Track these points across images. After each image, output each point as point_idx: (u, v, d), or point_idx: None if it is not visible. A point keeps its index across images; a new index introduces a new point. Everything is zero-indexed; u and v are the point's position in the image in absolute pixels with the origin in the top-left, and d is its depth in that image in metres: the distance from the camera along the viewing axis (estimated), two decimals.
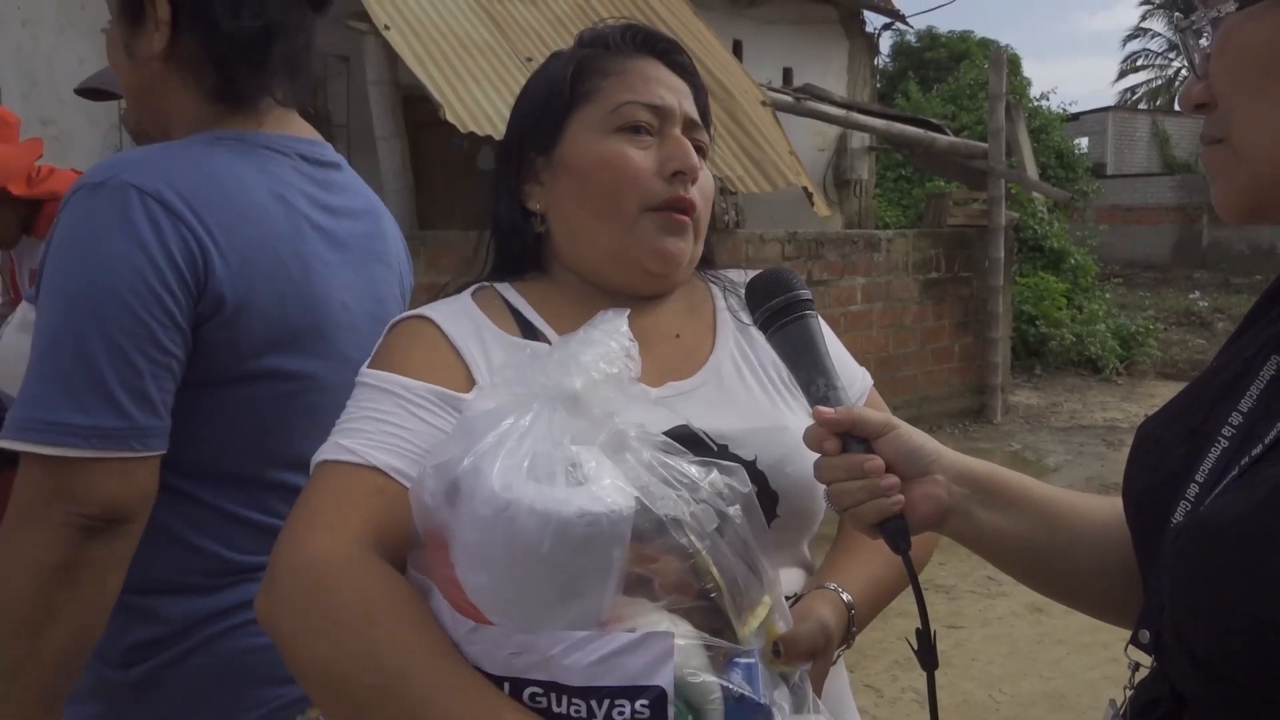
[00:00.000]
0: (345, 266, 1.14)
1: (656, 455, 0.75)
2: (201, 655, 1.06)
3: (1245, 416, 0.67)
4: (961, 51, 17.57)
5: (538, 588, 0.68)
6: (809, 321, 0.85)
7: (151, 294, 0.96)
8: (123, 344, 0.95)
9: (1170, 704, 0.67)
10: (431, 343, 0.92)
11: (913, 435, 0.82)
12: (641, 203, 0.96)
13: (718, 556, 0.73)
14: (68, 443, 0.93)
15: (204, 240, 0.99)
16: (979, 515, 0.82)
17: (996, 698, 3.30)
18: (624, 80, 0.98)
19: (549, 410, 0.72)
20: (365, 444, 0.84)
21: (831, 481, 0.80)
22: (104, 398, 0.94)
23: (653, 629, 0.69)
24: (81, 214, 0.98)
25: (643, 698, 0.66)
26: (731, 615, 0.72)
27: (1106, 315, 9.54)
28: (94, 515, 0.94)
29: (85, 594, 0.95)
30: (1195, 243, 18.40)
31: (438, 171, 6.64)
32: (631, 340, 0.78)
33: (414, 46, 5.10)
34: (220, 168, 1.04)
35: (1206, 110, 0.67)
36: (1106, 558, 0.80)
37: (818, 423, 0.81)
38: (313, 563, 0.77)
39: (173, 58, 1.09)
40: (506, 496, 0.66)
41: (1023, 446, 6.78)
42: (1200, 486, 0.67)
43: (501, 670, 0.69)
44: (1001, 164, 7.30)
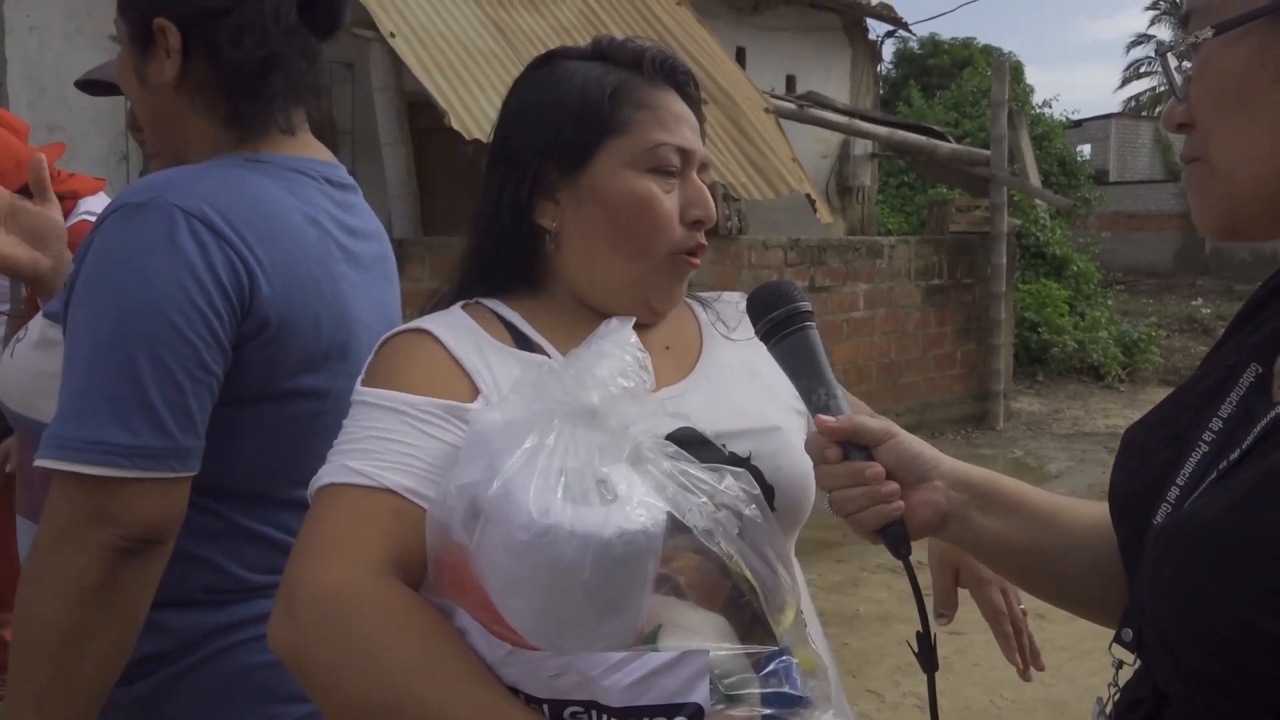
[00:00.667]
0: (365, 287, 1.15)
1: (674, 464, 0.77)
2: (209, 670, 1.05)
3: (1225, 422, 0.69)
4: (964, 59, 17.58)
5: (578, 609, 0.68)
6: (809, 332, 0.87)
7: (199, 314, 0.96)
8: (169, 364, 0.95)
9: (1153, 702, 0.68)
10: (430, 355, 0.91)
11: (912, 442, 0.84)
12: (669, 247, 0.98)
13: (747, 560, 0.74)
14: (112, 463, 0.92)
15: (249, 261, 1.00)
16: (977, 520, 0.84)
17: (998, 703, 3.31)
18: (657, 117, 0.97)
19: (570, 426, 0.72)
20: (376, 465, 0.82)
21: (834, 489, 0.82)
22: (149, 418, 0.94)
23: (685, 634, 0.70)
24: (124, 233, 0.97)
25: (680, 715, 0.67)
26: (768, 615, 0.74)
27: (1109, 322, 9.54)
28: (132, 537, 0.93)
29: (120, 614, 0.95)
30: (1198, 250, 18.38)
31: (442, 178, 6.67)
32: (643, 351, 0.79)
33: (419, 53, 5.13)
34: (258, 190, 1.05)
35: (1187, 130, 0.70)
36: (1099, 560, 0.82)
37: (819, 431, 0.82)
38: (335, 591, 0.76)
39: (185, 85, 1.09)
40: (545, 522, 0.66)
41: (1025, 453, 6.79)
42: (1180, 490, 0.69)
43: (543, 692, 0.70)
44: (1004, 171, 7.31)
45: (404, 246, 4.69)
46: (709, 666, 0.68)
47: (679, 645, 0.69)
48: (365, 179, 7.34)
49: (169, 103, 1.11)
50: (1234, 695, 0.61)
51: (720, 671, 0.70)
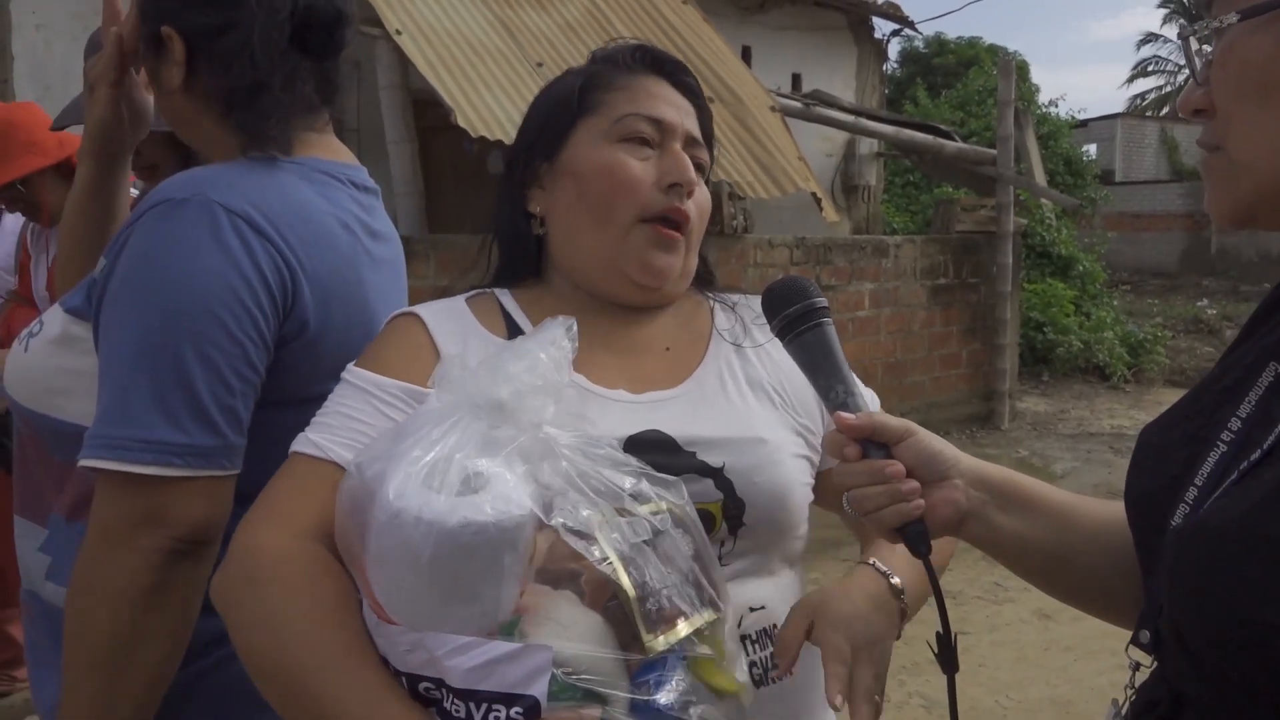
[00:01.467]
0: (386, 290, 1.16)
1: (580, 464, 0.77)
2: (223, 673, 1.04)
3: (1244, 422, 0.69)
4: (970, 58, 17.57)
5: (424, 591, 0.71)
6: (826, 329, 0.86)
7: (246, 313, 0.96)
8: (219, 362, 0.94)
9: (1169, 704, 0.68)
10: (411, 339, 0.96)
11: (932, 440, 0.83)
12: (637, 212, 0.98)
13: (634, 567, 0.74)
14: (165, 461, 0.91)
15: (291, 262, 1.00)
16: (996, 519, 0.83)
17: (1004, 704, 3.30)
18: (629, 94, 1.01)
19: (470, 418, 0.75)
20: (330, 439, 0.88)
21: (852, 487, 0.81)
22: (200, 416, 0.93)
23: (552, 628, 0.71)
24: (166, 229, 0.96)
25: (518, 705, 0.69)
26: (640, 625, 0.73)
27: (1114, 322, 9.52)
28: (182, 538, 0.92)
29: (172, 617, 0.94)
30: (1204, 250, 18.34)
31: (448, 176, 6.67)
32: (567, 350, 0.80)
33: (425, 51, 5.13)
34: (294, 192, 1.05)
35: (1205, 117, 0.69)
36: (1117, 561, 0.82)
37: (838, 428, 0.82)
38: (261, 552, 0.83)
39: (193, 91, 1.10)
40: (397, 505, 0.70)
41: (1030, 453, 6.78)
42: (1199, 490, 0.68)
43: (400, 665, 0.74)
44: (1010, 170, 7.30)
45: (409, 244, 4.66)
46: (551, 663, 0.69)
47: (532, 637, 0.71)
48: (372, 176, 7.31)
49: (182, 106, 1.12)
50: (1253, 697, 0.60)
51: (582, 669, 0.70)
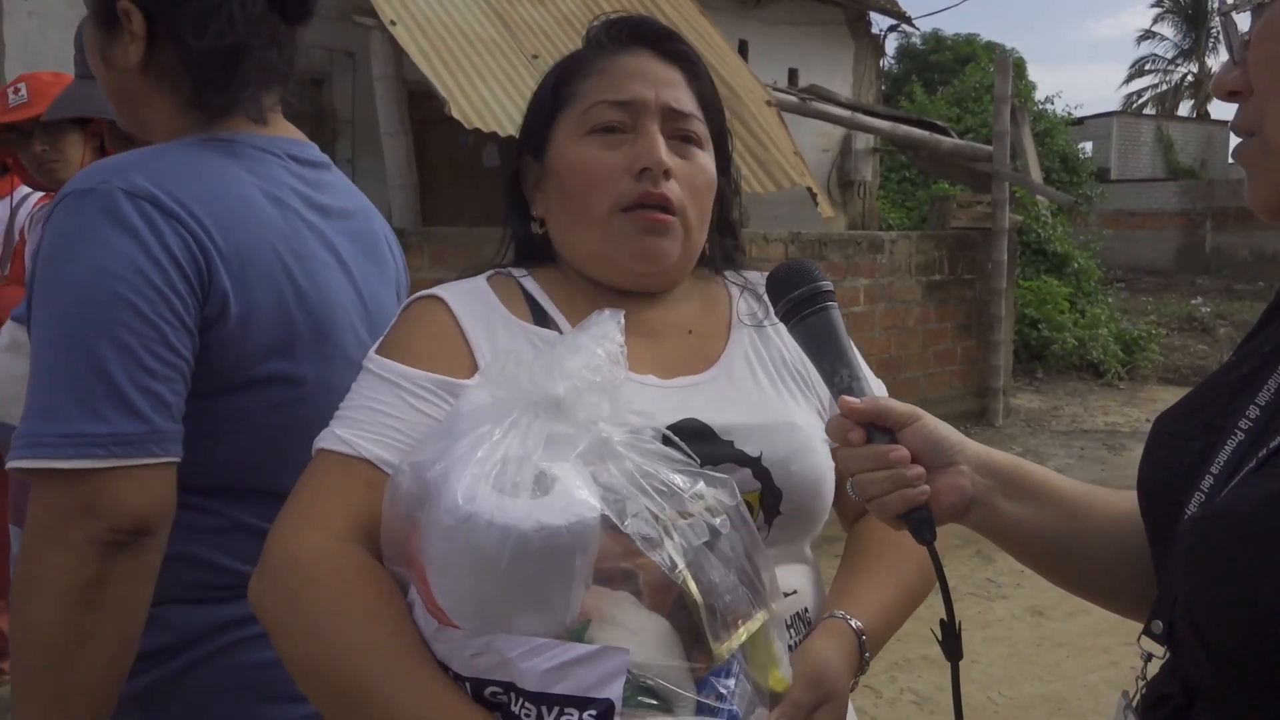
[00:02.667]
0: (341, 267, 1.12)
1: (641, 464, 0.75)
2: (209, 667, 1.03)
3: (1262, 410, 0.67)
4: (967, 54, 17.55)
5: (497, 596, 0.69)
6: (831, 312, 0.85)
7: (158, 294, 0.93)
8: (133, 347, 0.91)
9: (1183, 696, 0.67)
10: (438, 327, 0.92)
11: (937, 426, 0.82)
12: (612, 205, 0.95)
13: (700, 572, 0.73)
14: (87, 453, 0.88)
15: (203, 240, 0.96)
16: (1003, 506, 0.82)
17: (996, 700, 3.30)
18: (601, 80, 0.97)
19: (529, 417, 0.73)
20: (359, 435, 0.85)
21: (857, 472, 0.80)
22: (120, 404, 0.90)
23: (619, 633, 0.70)
24: (71, 222, 0.94)
25: (591, 709, 0.67)
26: (708, 633, 0.72)
27: (1109, 319, 9.53)
28: (119, 529, 0.90)
29: (115, 614, 0.91)
30: (1198, 248, 18.38)
31: (443, 168, 6.64)
32: (621, 345, 0.78)
33: (420, 43, 5.10)
34: (212, 168, 1.02)
35: (1240, 98, 0.66)
36: (1128, 551, 0.80)
37: (843, 413, 0.80)
38: (298, 557, 0.80)
39: (149, 68, 1.07)
40: (468, 509, 0.68)
41: (1024, 450, 6.78)
42: (1215, 479, 0.66)
43: (465, 670, 0.72)
44: (1006, 167, 7.29)
45: (404, 237, 4.66)
46: (626, 666, 0.68)
47: (601, 642, 0.69)
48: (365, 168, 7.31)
49: (133, 84, 1.09)
50: (1269, 689, 0.59)
51: (651, 678, 0.69)
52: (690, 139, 0.99)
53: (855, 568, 0.98)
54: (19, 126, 2.38)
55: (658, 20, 1.03)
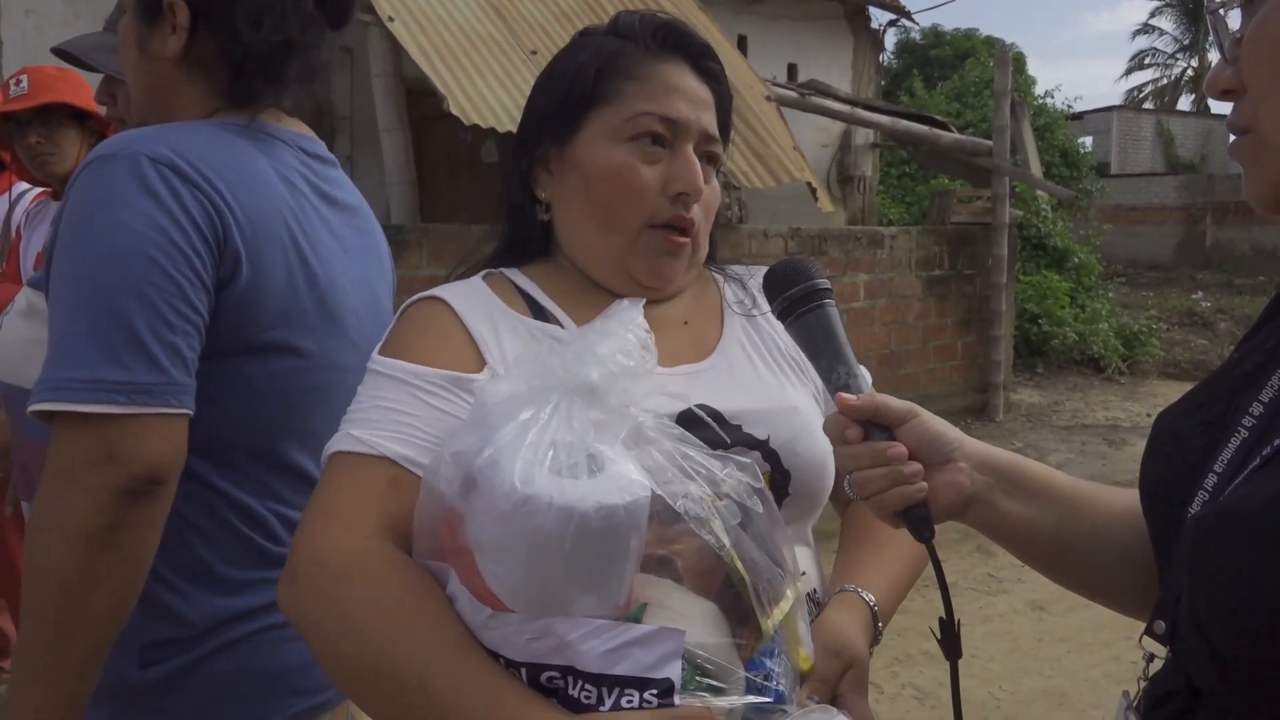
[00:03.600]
0: (345, 254, 1.15)
1: (677, 447, 0.76)
2: (222, 659, 1.04)
3: (1265, 407, 0.66)
4: (966, 49, 17.53)
5: (557, 579, 0.69)
6: (828, 310, 0.85)
7: (179, 252, 0.97)
8: (154, 299, 0.95)
9: (1185, 697, 0.66)
10: (443, 325, 0.93)
11: (935, 423, 0.81)
12: (643, 219, 0.96)
13: (742, 550, 0.74)
14: (109, 399, 0.91)
15: (219, 204, 1.00)
16: (1002, 504, 0.82)
17: (996, 695, 3.30)
18: (645, 87, 0.96)
19: (567, 402, 0.73)
20: (377, 434, 0.85)
21: (854, 469, 0.80)
22: (140, 353, 0.93)
23: (671, 616, 0.70)
24: (96, 183, 0.98)
25: (652, 689, 0.68)
26: (756, 609, 0.73)
27: (1109, 314, 9.52)
28: (136, 476, 0.93)
29: (127, 556, 0.94)
30: (1199, 243, 18.36)
31: (441, 165, 6.63)
32: (648, 331, 0.78)
33: (418, 39, 5.09)
34: (224, 142, 1.06)
35: (1234, 97, 0.66)
36: (1129, 549, 0.80)
37: (840, 410, 0.80)
38: (330, 557, 0.79)
39: (186, 60, 1.11)
40: (526, 491, 0.67)
41: (1024, 445, 6.78)
42: (1219, 477, 0.66)
43: (520, 655, 0.71)
44: (1006, 161, 7.28)
45: (402, 233, 4.66)
46: (684, 647, 0.69)
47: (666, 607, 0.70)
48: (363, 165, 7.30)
49: (166, 75, 1.12)
50: (1271, 689, 0.58)
51: (704, 658, 0.70)
52: (712, 161, 1.00)
53: (857, 545, 1.00)
54: (16, 117, 2.38)
55: (698, 32, 1.03)
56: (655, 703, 0.68)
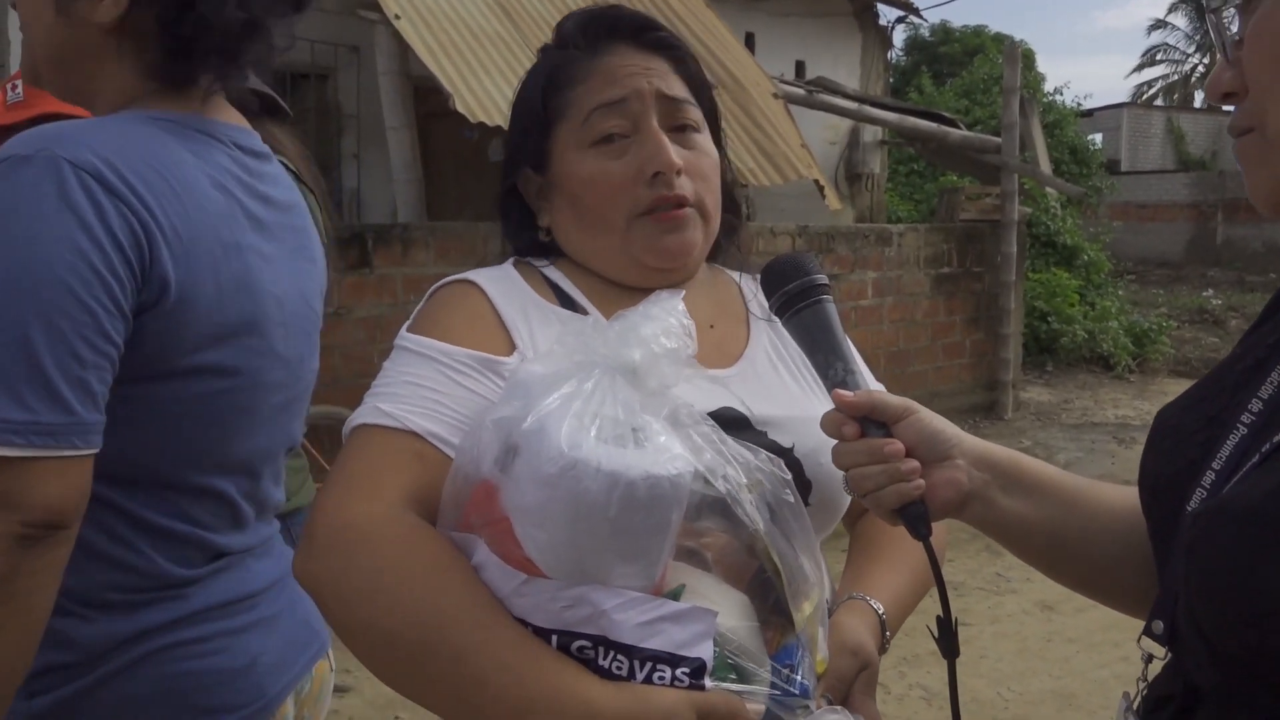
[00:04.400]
0: (277, 260, 1.07)
1: (713, 430, 0.76)
2: (120, 683, 0.97)
3: (1265, 404, 0.66)
4: (975, 46, 17.48)
5: (599, 546, 0.69)
6: (825, 306, 0.85)
7: (96, 277, 0.87)
8: (65, 331, 0.86)
9: (1184, 698, 0.65)
10: (474, 307, 0.92)
11: (933, 420, 0.81)
12: (628, 213, 0.95)
13: (775, 541, 0.74)
14: (5, 440, 0.83)
15: (147, 221, 0.91)
16: (1000, 501, 0.81)
17: (1005, 695, 3.28)
18: (591, 85, 0.96)
19: (609, 379, 0.73)
20: (404, 409, 0.84)
21: (851, 466, 0.79)
22: (45, 390, 0.85)
23: (703, 602, 0.71)
24: (7, 190, 0.88)
25: (684, 666, 0.68)
26: (788, 598, 0.74)
27: (1119, 312, 9.48)
28: (33, 522, 0.85)
29: (24, 607, 0.86)
30: (1209, 240, 18.27)
31: (448, 163, 6.63)
32: (689, 318, 0.78)
33: (425, 37, 5.09)
34: (158, 148, 0.97)
35: (1236, 99, 0.65)
36: (1129, 548, 0.79)
37: (836, 406, 0.80)
38: (353, 524, 0.77)
39: (118, 30, 1.00)
40: (574, 455, 0.67)
41: (1033, 443, 6.75)
42: (1217, 474, 0.65)
43: (552, 623, 0.71)
44: (1015, 159, 7.25)
45: (409, 231, 4.66)
46: (715, 628, 0.69)
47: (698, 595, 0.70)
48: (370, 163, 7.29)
49: (89, 41, 1.01)
50: (1271, 689, 0.57)
51: (735, 647, 0.70)
52: (689, 126, 0.98)
53: (866, 556, 1.00)
54: (16, 128, 2.35)
55: (630, 9, 1.01)
56: (687, 681, 0.68)
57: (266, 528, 1.14)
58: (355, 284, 4.41)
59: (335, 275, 1.34)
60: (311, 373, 1.18)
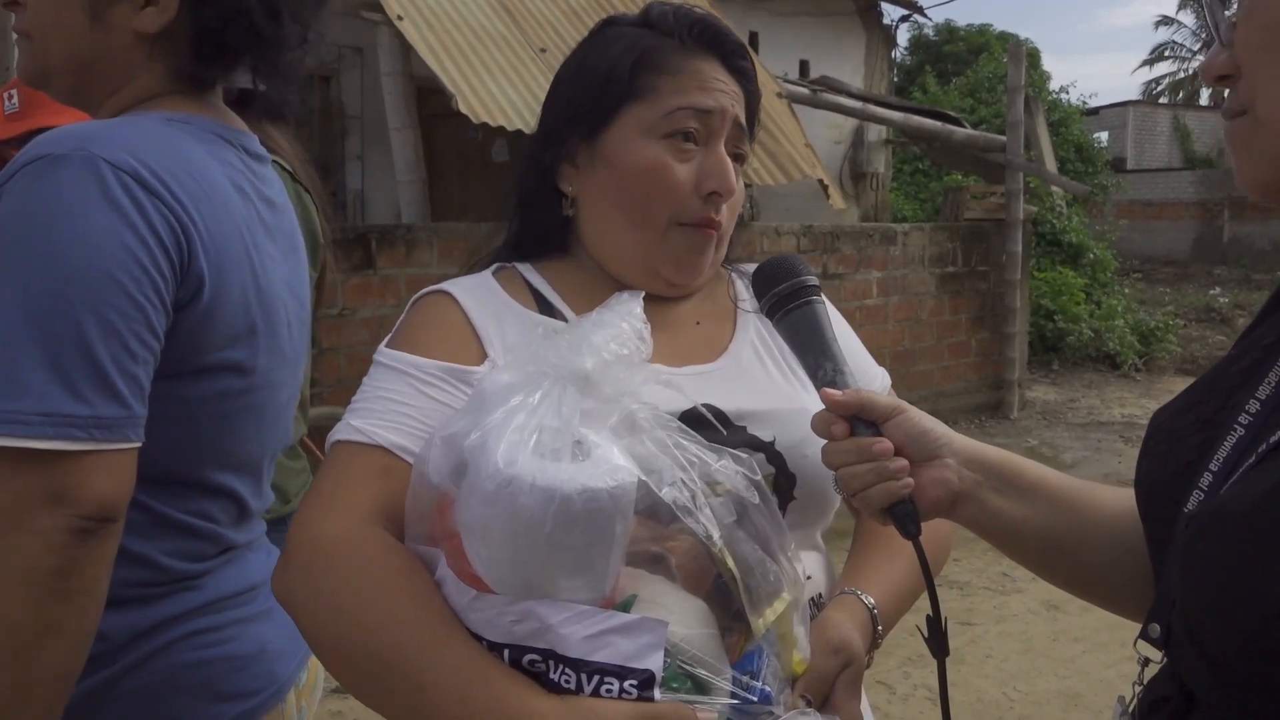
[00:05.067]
0: (279, 260, 1.10)
1: (669, 437, 0.76)
2: (143, 673, 0.99)
3: (1262, 404, 0.65)
4: (980, 45, 17.45)
5: (540, 561, 0.69)
6: (815, 307, 0.85)
7: (145, 274, 0.89)
8: (118, 326, 0.87)
9: (1179, 702, 0.65)
10: (447, 318, 0.94)
11: (922, 419, 0.81)
12: (674, 216, 0.96)
13: (734, 546, 0.73)
14: (67, 435, 0.84)
15: (185, 220, 0.93)
16: (991, 501, 0.80)
17: (1010, 695, 3.27)
18: (681, 82, 0.96)
19: (559, 389, 0.73)
20: (374, 424, 0.86)
21: (840, 466, 0.79)
22: (103, 386, 0.86)
23: (658, 612, 0.70)
24: (48, 188, 0.88)
25: (632, 678, 0.68)
26: (746, 606, 0.73)
27: (1125, 310, 9.45)
28: (89, 515, 0.86)
29: (81, 602, 0.87)
30: (1216, 238, 18.21)
31: (452, 163, 6.64)
32: (644, 323, 0.78)
33: (427, 37, 5.09)
34: (185, 150, 0.98)
35: (1230, 82, 0.65)
36: (1124, 550, 0.78)
37: (826, 406, 0.80)
38: (322, 541, 0.80)
39: (163, 35, 1.01)
40: (509, 472, 0.68)
41: (1039, 442, 6.73)
42: (1214, 475, 0.65)
43: (503, 638, 0.71)
44: (1019, 157, 7.23)
45: (412, 232, 4.67)
46: (669, 641, 0.68)
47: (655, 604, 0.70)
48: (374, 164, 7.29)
49: (121, 46, 1.02)
50: (1265, 693, 0.56)
51: (689, 656, 0.70)
52: (740, 156, 1.00)
53: (865, 551, 0.99)
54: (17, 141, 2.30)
55: (732, 30, 1.03)
56: (635, 694, 0.67)
57: (260, 524, 1.17)
58: (359, 285, 4.41)
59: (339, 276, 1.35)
60: (301, 373, 1.20)
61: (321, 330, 4.11)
